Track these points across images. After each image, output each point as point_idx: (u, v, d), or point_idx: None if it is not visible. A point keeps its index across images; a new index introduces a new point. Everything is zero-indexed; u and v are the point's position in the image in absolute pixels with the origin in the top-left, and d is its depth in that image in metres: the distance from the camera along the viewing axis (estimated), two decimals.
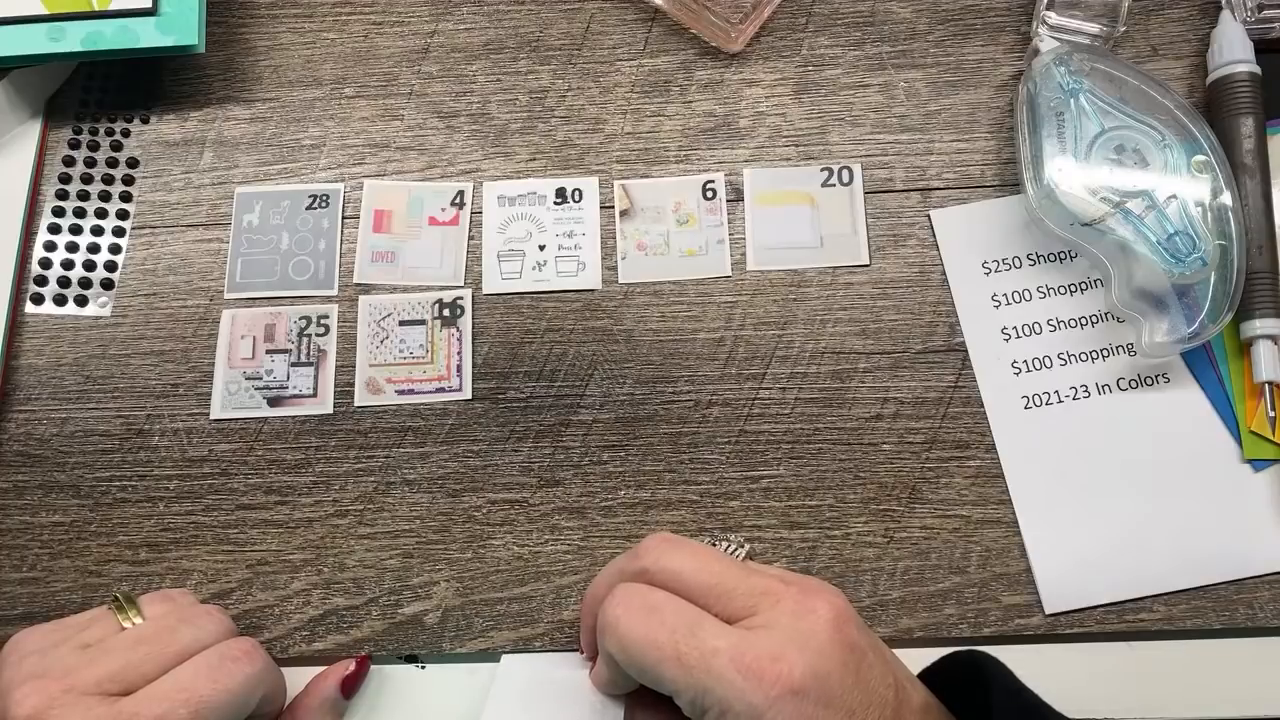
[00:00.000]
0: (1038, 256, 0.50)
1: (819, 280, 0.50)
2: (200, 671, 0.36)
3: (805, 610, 0.34)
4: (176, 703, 0.35)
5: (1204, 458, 0.46)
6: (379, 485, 0.48)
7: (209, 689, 0.36)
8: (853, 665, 0.33)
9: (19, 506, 0.48)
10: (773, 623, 0.34)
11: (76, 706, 0.35)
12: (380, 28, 0.55)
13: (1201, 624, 0.44)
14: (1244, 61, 0.49)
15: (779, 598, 0.35)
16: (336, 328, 0.50)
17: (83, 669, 0.36)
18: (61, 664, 0.36)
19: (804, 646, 0.33)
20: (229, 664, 0.37)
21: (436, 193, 0.53)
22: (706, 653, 0.33)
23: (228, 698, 0.36)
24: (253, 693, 0.37)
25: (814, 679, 0.32)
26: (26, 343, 0.51)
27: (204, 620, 0.39)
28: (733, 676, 0.32)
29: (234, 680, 0.36)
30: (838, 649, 0.33)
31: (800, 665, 0.32)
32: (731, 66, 0.54)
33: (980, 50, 0.53)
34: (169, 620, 0.39)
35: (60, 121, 0.54)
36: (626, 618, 0.34)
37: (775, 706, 0.32)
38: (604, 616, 0.35)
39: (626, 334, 0.50)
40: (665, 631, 0.34)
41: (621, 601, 0.35)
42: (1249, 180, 0.48)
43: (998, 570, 0.46)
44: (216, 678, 0.36)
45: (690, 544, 0.37)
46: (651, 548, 0.37)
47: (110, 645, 0.37)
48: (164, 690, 0.35)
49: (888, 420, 0.48)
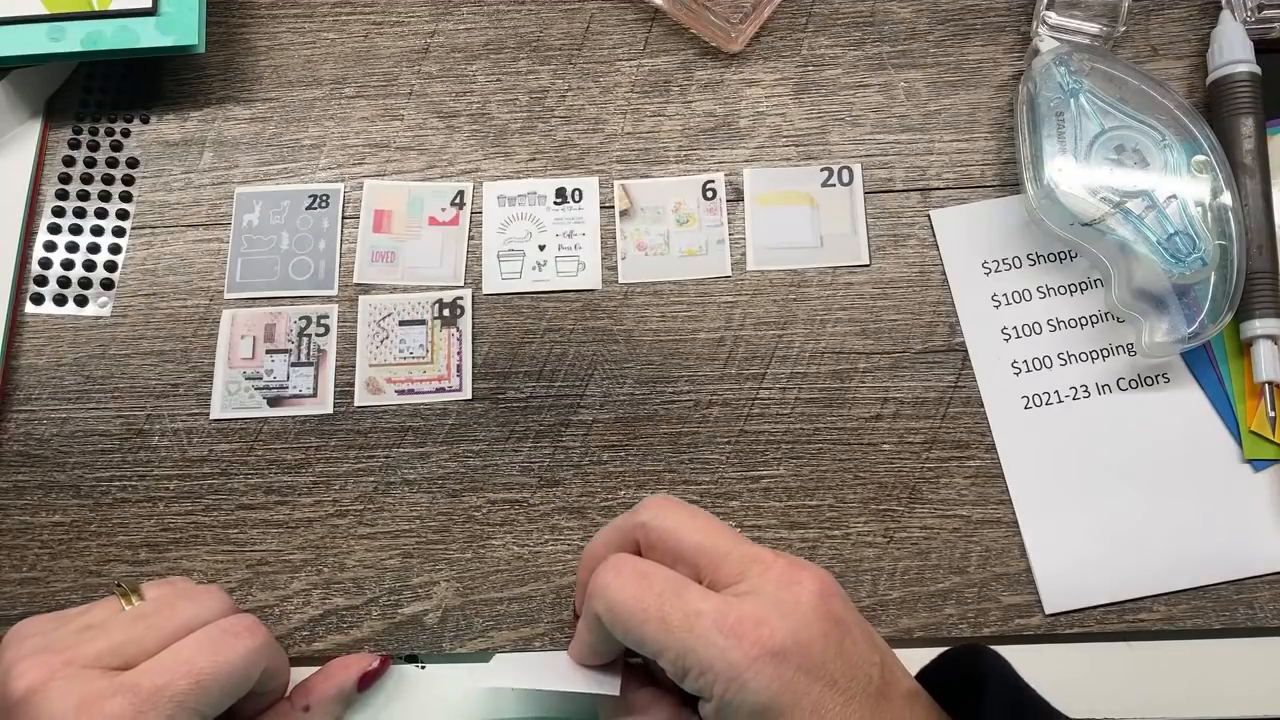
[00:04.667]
0: (1038, 256, 0.50)
1: (819, 280, 0.50)
2: (201, 645, 0.36)
3: (791, 580, 0.35)
4: (176, 674, 0.35)
5: (1204, 458, 0.46)
6: (379, 485, 0.48)
7: (209, 661, 0.35)
8: (835, 637, 0.34)
9: (19, 506, 0.48)
10: (758, 589, 0.35)
11: (77, 679, 0.35)
12: (380, 28, 0.55)
13: (1201, 624, 0.44)
14: (1244, 61, 0.49)
15: (767, 566, 0.35)
16: (336, 328, 0.50)
17: (83, 645, 0.36)
18: (62, 641, 0.37)
19: (787, 614, 0.34)
20: (230, 638, 0.37)
21: (436, 193, 0.53)
22: (690, 614, 0.34)
23: (228, 670, 0.36)
24: (253, 667, 0.37)
25: (795, 644, 0.33)
26: (26, 343, 0.51)
27: (203, 597, 0.39)
28: (714, 636, 0.33)
29: (234, 654, 0.36)
30: (821, 620, 0.34)
31: (782, 630, 0.33)
32: (731, 66, 0.54)
33: (980, 50, 0.53)
34: (169, 598, 0.39)
35: (60, 121, 0.54)
36: (617, 581, 0.35)
37: (754, 666, 0.33)
38: (595, 581, 0.36)
39: (626, 334, 0.50)
40: (652, 595, 0.35)
41: (613, 567, 0.36)
42: (1249, 180, 0.48)
43: (998, 570, 0.46)
44: (217, 650, 0.36)
45: (689, 506, 0.38)
46: (651, 504, 0.38)
47: (111, 623, 0.37)
48: (164, 663, 0.35)
49: (888, 420, 0.48)
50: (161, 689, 0.34)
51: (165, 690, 0.34)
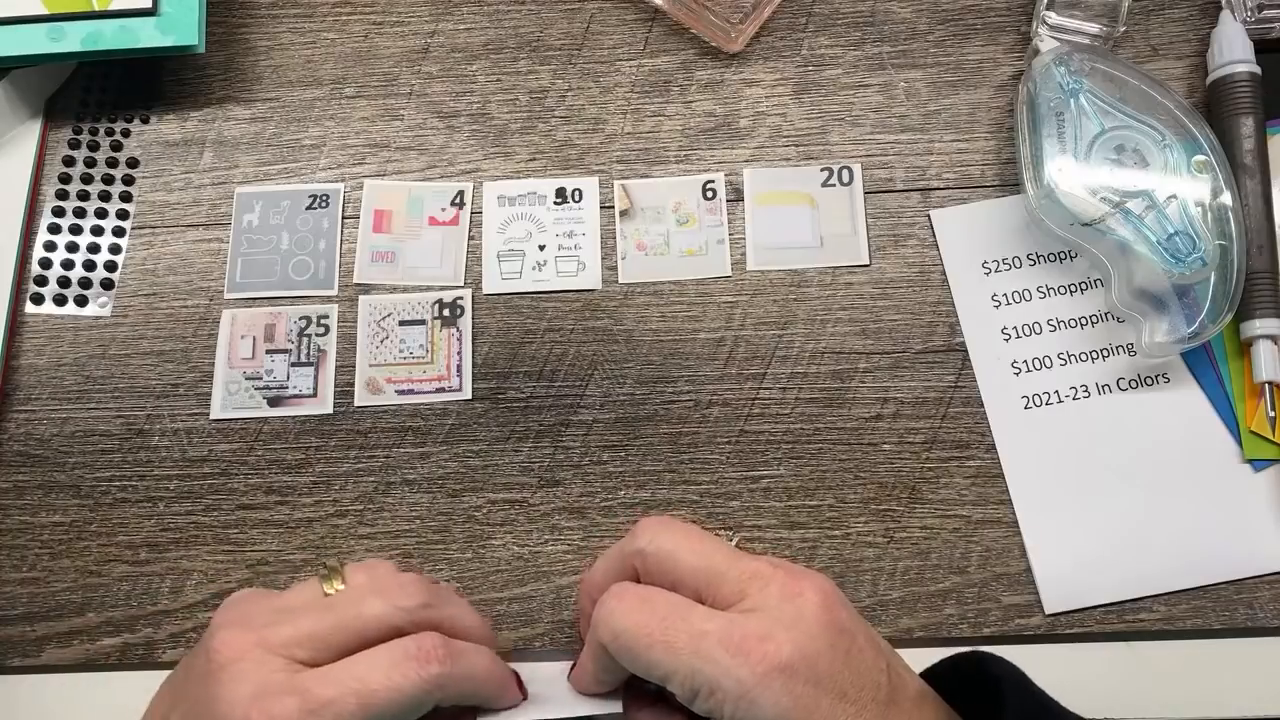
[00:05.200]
0: (1038, 256, 0.50)
1: (819, 280, 0.50)
2: (379, 664, 0.35)
3: (793, 593, 0.35)
4: (347, 690, 0.34)
5: (1204, 458, 0.46)
6: (379, 485, 0.48)
7: (382, 684, 0.34)
8: (842, 647, 0.34)
9: (19, 506, 0.48)
10: (761, 605, 0.34)
11: (262, 665, 0.35)
12: (380, 28, 0.55)
13: (1201, 624, 0.44)
14: (1244, 61, 0.49)
15: (767, 581, 0.35)
16: (336, 328, 0.50)
17: (274, 627, 0.36)
18: (260, 619, 0.36)
19: (791, 627, 0.33)
20: (410, 663, 0.35)
21: (436, 193, 0.53)
22: (695, 635, 0.34)
23: (398, 697, 0.35)
24: (428, 696, 0.36)
25: (802, 658, 0.33)
26: (26, 343, 0.51)
27: (396, 594, 0.37)
28: (720, 655, 0.33)
29: (408, 681, 0.35)
30: (826, 631, 0.34)
31: (788, 645, 0.33)
32: (731, 66, 0.54)
33: (980, 50, 0.53)
34: (361, 591, 0.38)
35: (60, 121, 0.54)
36: (621, 607, 0.35)
37: (763, 683, 0.32)
38: (599, 610, 0.36)
39: (626, 334, 0.50)
40: (657, 619, 0.34)
41: (616, 595, 0.36)
42: (1249, 180, 0.48)
43: (998, 570, 0.46)
44: (392, 675, 0.35)
45: (684, 526, 0.38)
46: (647, 528, 0.37)
47: (304, 611, 0.37)
48: (338, 675, 0.35)
49: (888, 420, 0.48)
50: (330, 703, 0.34)
51: (333, 705, 0.34)
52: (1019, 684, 0.35)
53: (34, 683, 0.46)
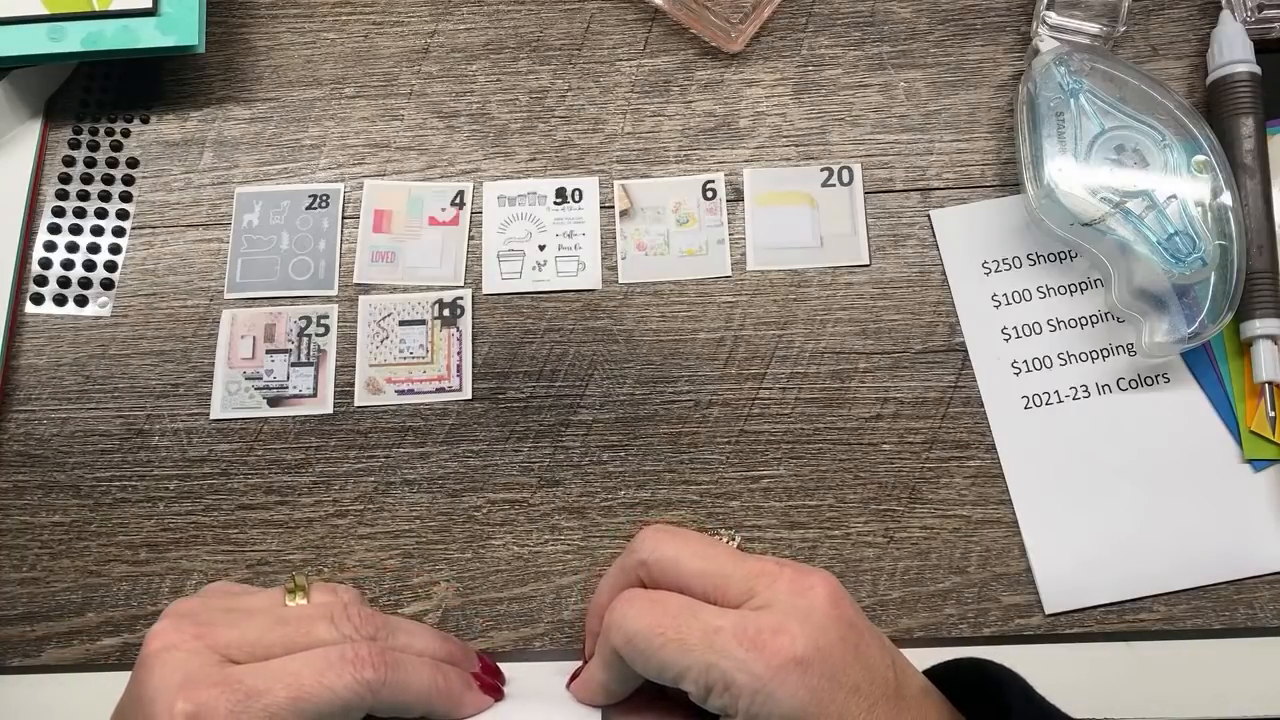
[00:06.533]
0: (1038, 256, 0.50)
1: (819, 280, 0.50)
2: (313, 662, 0.35)
3: (803, 588, 0.35)
4: (278, 684, 0.34)
5: (1204, 458, 0.46)
6: (379, 485, 0.48)
7: (315, 682, 0.35)
8: (851, 641, 0.34)
9: (19, 506, 0.48)
10: (771, 601, 0.34)
11: (195, 657, 0.35)
12: (380, 28, 0.55)
13: (1201, 624, 0.44)
14: (1244, 61, 0.49)
15: (775, 577, 0.35)
16: (336, 328, 0.50)
17: (220, 627, 0.36)
18: (207, 616, 0.36)
19: (804, 620, 0.34)
20: (346, 665, 0.35)
21: (436, 193, 0.53)
22: (709, 631, 0.34)
23: (330, 697, 0.35)
24: (361, 700, 0.35)
25: (816, 651, 0.33)
26: (26, 343, 0.51)
27: (345, 624, 0.38)
28: (735, 650, 0.33)
29: (340, 681, 0.35)
30: (837, 624, 0.34)
31: (802, 638, 0.33)
32: (731, 66, 0.54)
33: (980, 50, 0.53)
34: (319, 612, 0.38)
35: (60, 121, 0.54)
36: (631, 611, 0.35)
37: (778, 677, 0.32)
38: (610, 617, 0.36)
39: (626, 334, 0.50)
40: (669, 618, 0.34)
41: (626, 600, 0.36)
42: (1249, 180, 0.48)
43: (998, 570, 0.46)
44: (325, 674, 0.35)
45: (683, 532, 0.38)
46: (647, 539, 0.38)
47: (256, 617, 0.37)
48: (272, 669, 0.35)
49: (888, 420, 0.48)
50: (260, 693, 0.34)
51: (263, 697, 0.34)
52: (1022, 691, 0.35)
53: (34, 683, 0.46)
